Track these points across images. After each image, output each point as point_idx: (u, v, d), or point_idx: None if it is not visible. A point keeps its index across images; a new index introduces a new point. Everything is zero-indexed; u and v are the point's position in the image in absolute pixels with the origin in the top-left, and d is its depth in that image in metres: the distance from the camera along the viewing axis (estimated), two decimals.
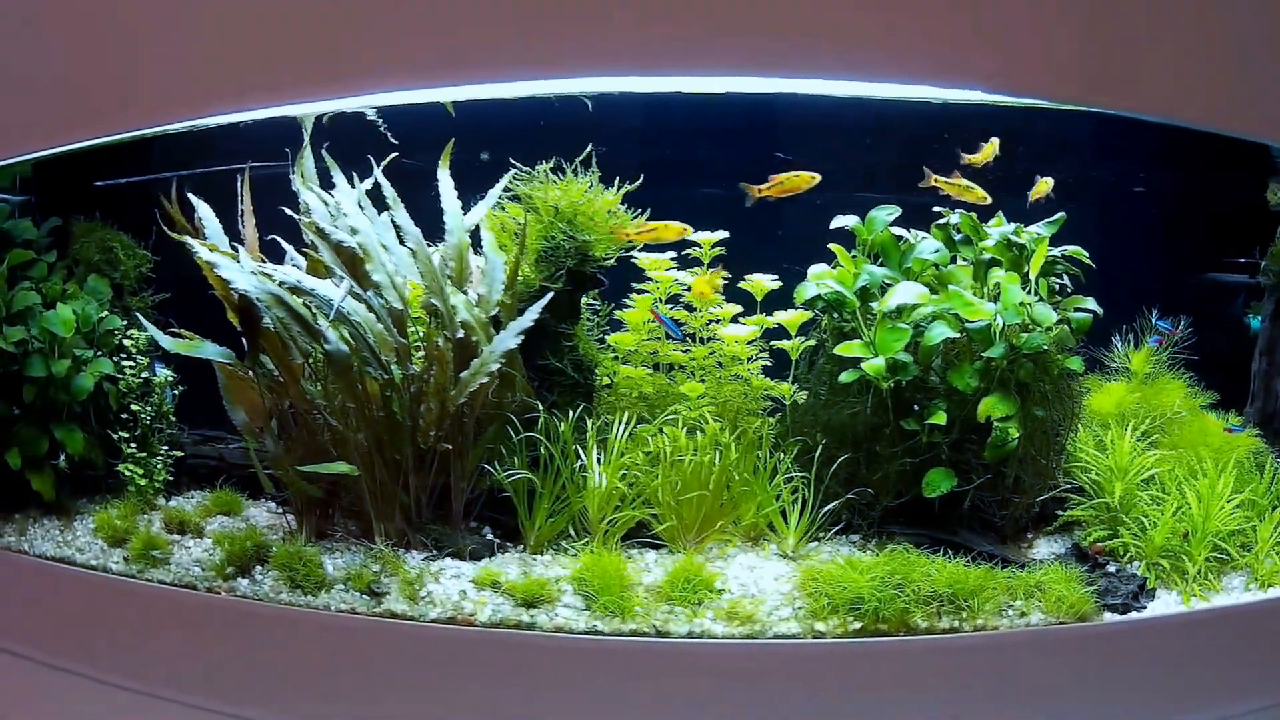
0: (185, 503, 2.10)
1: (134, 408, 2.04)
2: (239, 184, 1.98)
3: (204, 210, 1.86)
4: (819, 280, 1.75)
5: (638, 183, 1.76)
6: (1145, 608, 1.74)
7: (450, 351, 1.68)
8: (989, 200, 1.89)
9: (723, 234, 1.85)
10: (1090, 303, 1.82)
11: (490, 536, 1.83)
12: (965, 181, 1.83)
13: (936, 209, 1.85)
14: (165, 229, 1.86)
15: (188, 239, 1.81)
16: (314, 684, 1.70)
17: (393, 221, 1.74)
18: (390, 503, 1.77)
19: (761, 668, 1.58)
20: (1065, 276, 1.87)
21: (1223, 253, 2.30)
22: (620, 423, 1.73)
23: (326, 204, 1.79)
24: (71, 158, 2.23)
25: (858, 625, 1.61)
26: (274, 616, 1.72)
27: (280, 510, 2.03)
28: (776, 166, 1.89)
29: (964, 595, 1.66)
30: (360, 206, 1.80)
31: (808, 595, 1.64)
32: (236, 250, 1.84)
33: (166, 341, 1.81)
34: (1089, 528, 1.84)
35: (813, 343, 1.83)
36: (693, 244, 1.84)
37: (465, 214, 1.82)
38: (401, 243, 1.75)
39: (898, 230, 1.84)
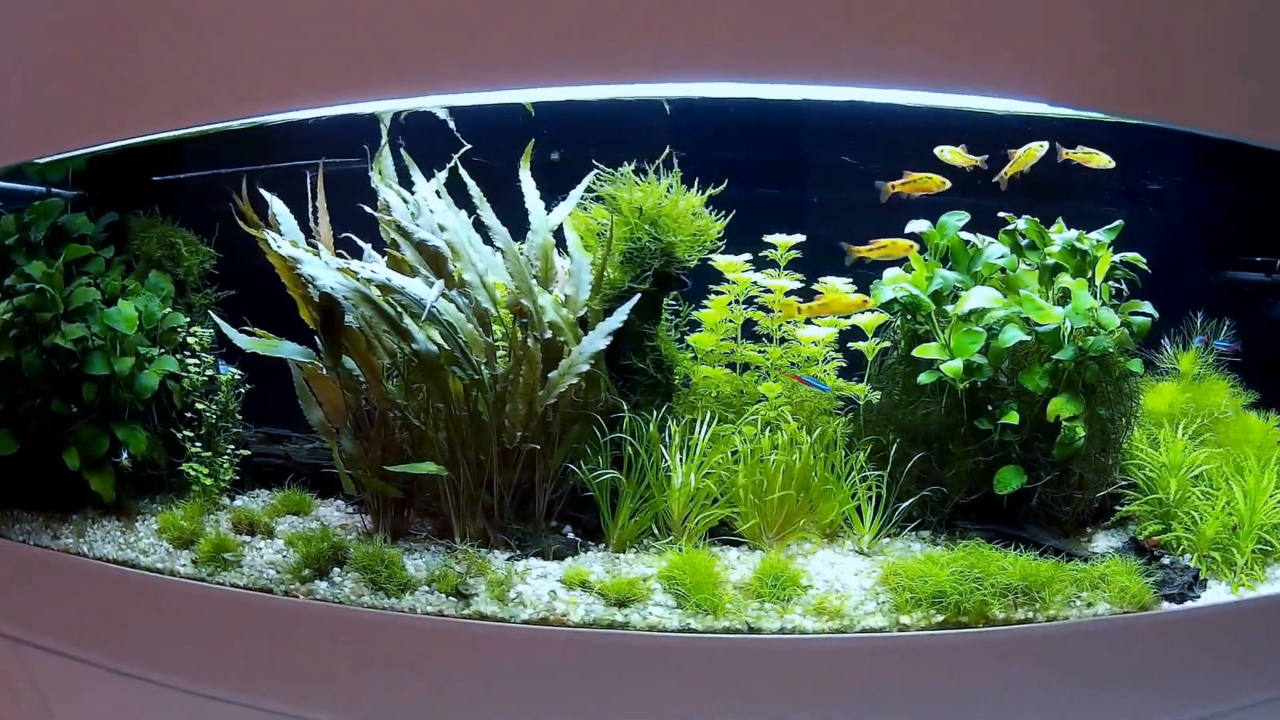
0: (250, 503, 2.08)
1: (199, 406, 2.01)
2: (307, 181, 1.96)
3: (278, 206, 1.84)
4: (894, 284, 1.80)
5: (721, 186, 1.79)
6: (1199, 597, 1.84)
7: (539, 352, 1.69)
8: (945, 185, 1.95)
9: (799, 237, 1.89)
10: (1147, 306, 1.89)
11: (571, 536, 1.85)
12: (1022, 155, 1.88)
13: (1001, 214, 1.92)
14: (242, 224, 1.83)
15: (269, 234, 1.78)
16: (399, 688, 1.69)
17: (478, 221, 1.74)
18: (473, 502, 1.77)
19: (852, 661, 1.62)
20: (1121, 281, 1.95)
21: (1243, 251, 2.40)
22: (703, 422, 1.76)
23: (406, 202, 1.79)
24: (128, 152, 2.20)
25: (940, 618, 1.67)
26: (356, 620, 1.71)
27: (351, 510, 2.02)
28: (845, 170, 1.94)
29: (1036, 587, 1.73)
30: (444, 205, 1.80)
31: (891, 590, 1.69)
32: (316, 247, 1.82)
33: (243, 340, 1.79)
34: (1143, 522, 1.92)
35: (888, 344, 1.87)
36: (769, 246, 1.89)
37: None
38: (487, 242, 1.75)
39: (964, 234, 1.91)
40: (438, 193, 1.78)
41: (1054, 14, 1.60)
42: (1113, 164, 1.93)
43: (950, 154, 1.85)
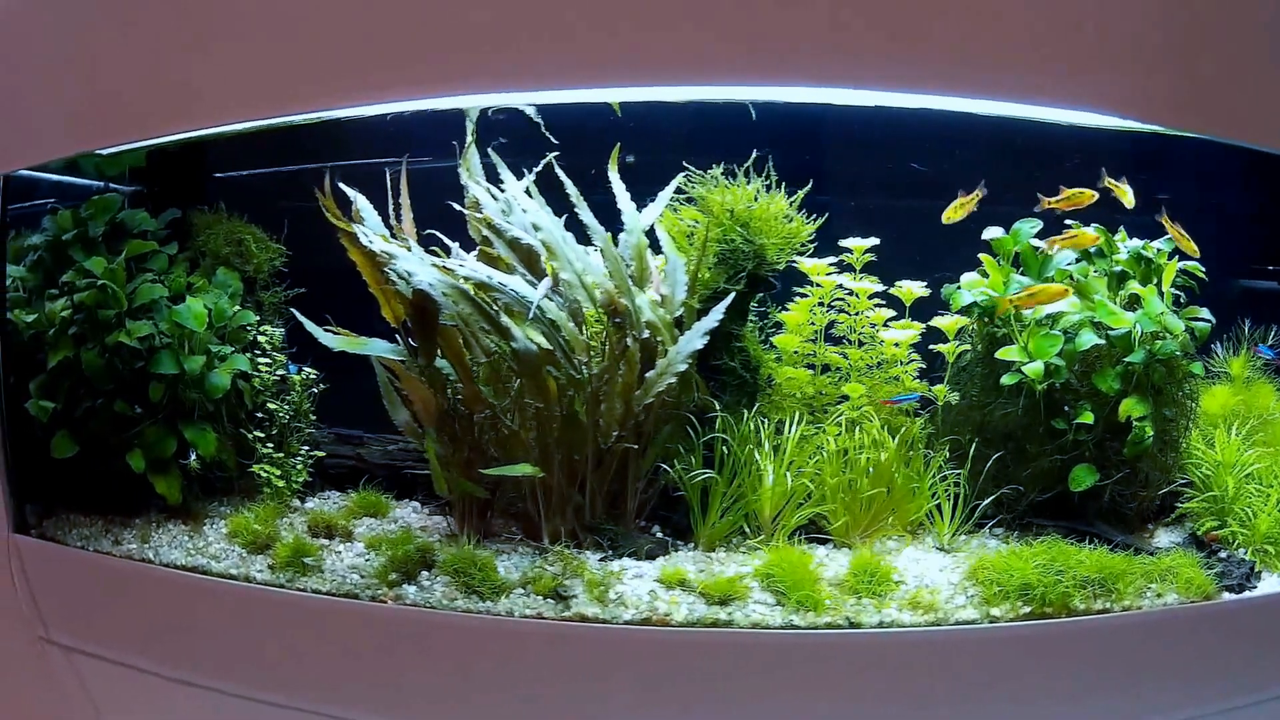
0: (321, 505, 2.05)
1: (270, 406, 1.97)
2: (386, 177, 1.94)
3: (362, 202, 1.82)
4: (973, 288, 1.87)
5: (807, 188, 1.83)
6: (1255, 588, 1.93)
7: (638, 351, 1.70)
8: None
9: (874, 240, 1.94)
10: (1205, 312, 1.98)
11: (659, 535, 1.85)
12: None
13: (1067, 222, 2.00)
14: (330, 218, 1.79)
15: (358, 229, 1.76)
16: (498, 693, 1.67)
17: (573, 219, 1.74)
18: (563, 503, 1.77)
19: (948, 652, 1.66)
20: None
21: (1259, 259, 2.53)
22: (792, 422, 1.79)
23: (496, 199, 1.78)
24: (188, 148, 2.15)
25: (1027, 610, 1.72)
26: (449, 625, 1.68)
27: (427, 511, 1.99)
28: (915, 176, 2.00)
29: (1111, 580, 1.80)
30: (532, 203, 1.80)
31: (979, 583, 1.74)
32: (408, 244, 1.80)
33: (330, 339, 1.76)
34: (1201, 518, 2.01)
35: (968, 347, 1.93)
36: (846, 250, 1.94)
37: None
38: (582, 241, 1.76)
39: (1035, 241, 1.98)
40: (527, 191, 1.79)
41: (1124, 29, 1.68)
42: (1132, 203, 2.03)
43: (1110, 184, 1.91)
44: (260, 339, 2.01)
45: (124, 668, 2.02)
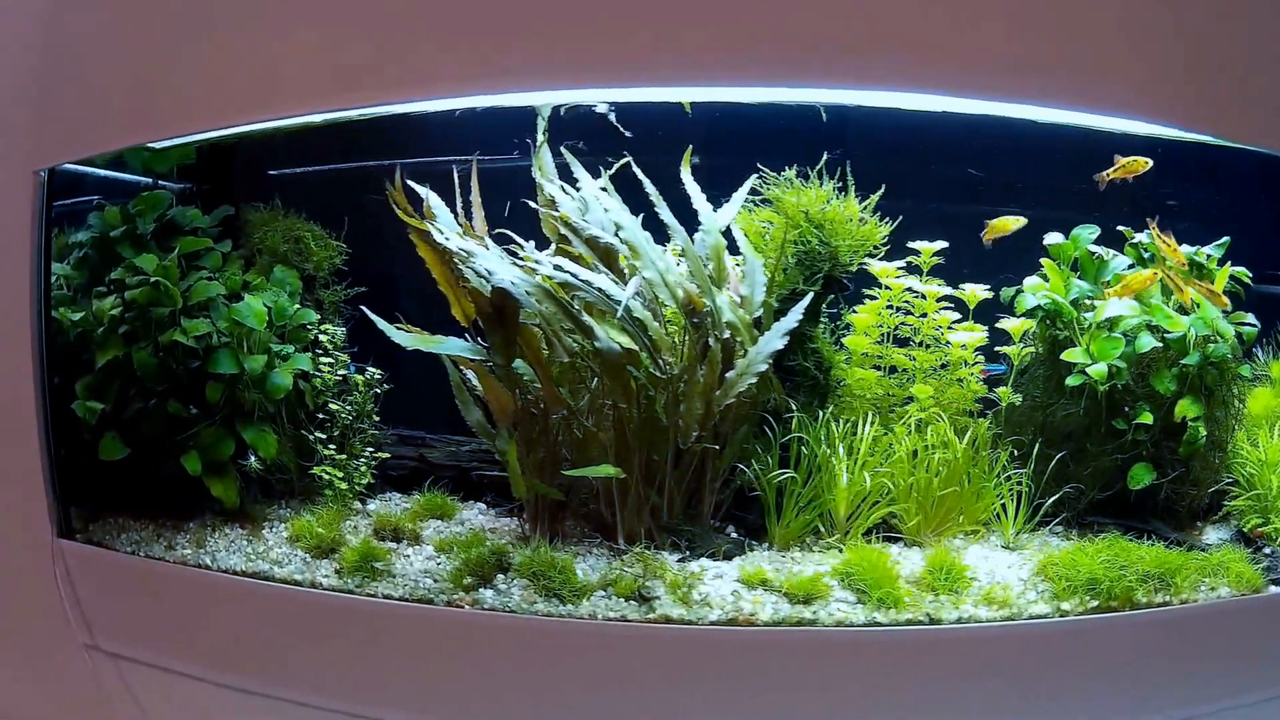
0: (383, 507, 2.02)
1: (332, 406, 1.93)
2: (455, 175, 1.91)
3: (434, 200, 1.79)
4: (1036, 291, 1.91)
5: (879, 192, 1.86)
6: None
7: (720, 351, 1.71)
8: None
9: (942, 244, 1.97)
10: (1250, 317, 2.05)
11: (734, 535, 1.86)
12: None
13: (1120, 228, 2.06)
14: (403, 215, 1.77)
15: (437, 227, 1.74)
16: (581, 697, 1.65)
17: (653, 219, 1.74)
18: (641, 503, 1.76)
19: (1023, 646, 1.70)
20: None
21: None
22: (865, 423, 1.81)
23: (571, 198, 1.77)
24: (240, 145, 2.11)
25: (1094, 603, 1.76)
26: (530, 629, 1.66)
27: (494, 513, 1.97)
28: (973, 181, 2.04)
29: (1169, 574, 1.86)
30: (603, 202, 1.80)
31: (1049, 579, 1.78)
32: (484, 242, 1.78)
33: (404, 337, 1.73)
34: (1245, 516, 2.08)
35: (1034, 349, 1.97)
36: (914, 251, 1.97)
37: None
38: (661, 241, 1.75)
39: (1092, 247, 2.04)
40: (603, 189, 1.78)
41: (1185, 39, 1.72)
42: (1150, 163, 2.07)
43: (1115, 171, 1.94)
44: (321, 338, 1.98)
45: (175, 675, 1.96)
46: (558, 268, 1.59)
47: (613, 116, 1.85)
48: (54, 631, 2.03)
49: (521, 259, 1.66)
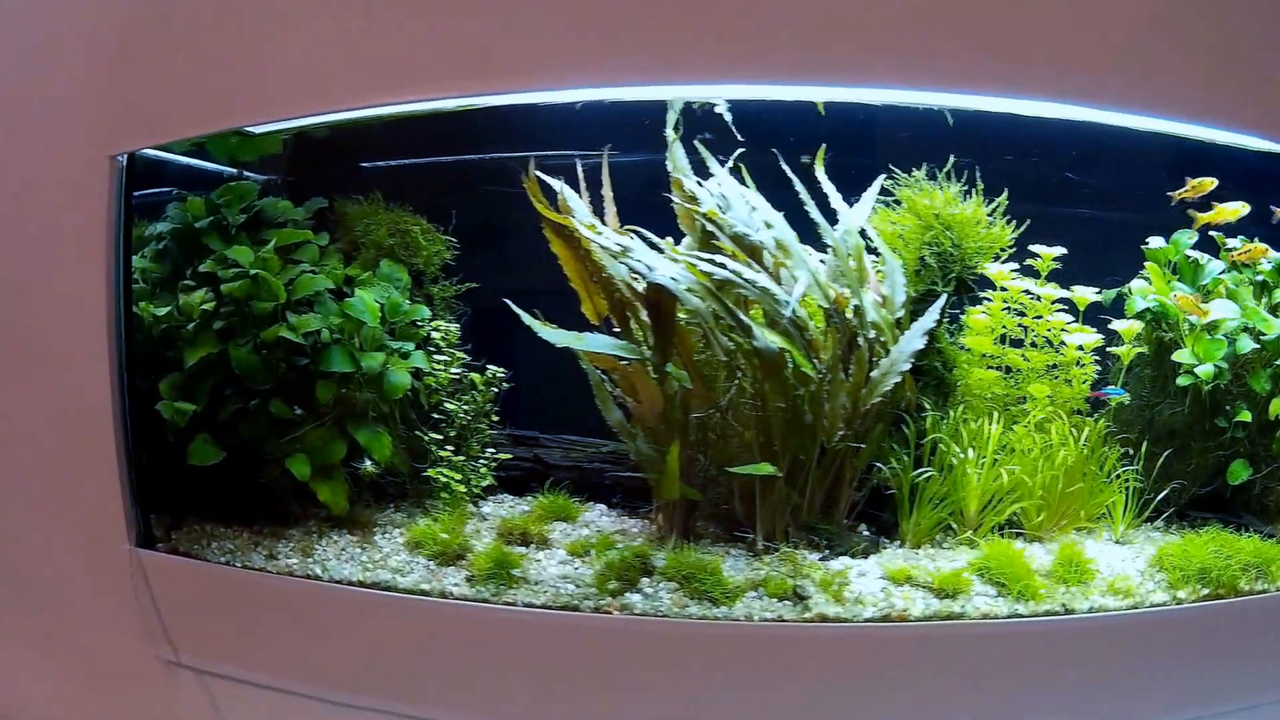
0: (497, 509, 1.94)
1: (449, 406, 1.84)
2: (577, 169, 1.86)
3: (570, 194, 1.73)
4: (1145, 294, 1.99)
5: (1002, 194, 1.89)
6: None
7: (867, 351, 1.71)
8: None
9: (1060, 249, 2.00)
10: None
11: (867, 533, 1.87)
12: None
13: (1212, 233, 2.12)
14: (544, 209, 1.71)
15: (589, 223, 1.69)
16: (739, 700, 1.62)
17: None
18: (783, 503, 1.75)
19: (1146, 633, 1.75)
20: None
21: None
22: (990, 421, 1.84)
23: (710, 195, 1.74)
24: (333, 135, 1.99)
25: (1205, 591, 1.85)
26: (685, 634, 1.61)
27: (616, 514, 1.92)
28: (1078, 185, 2.10)
29: (1265, 564, 1.96)
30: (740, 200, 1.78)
31: (1164, 569, 1.86)
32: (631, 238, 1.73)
33: (552, 335, 1.66)
34: None
35: (1144, 349, 2.03)
36: (1033, 255, 2.01)
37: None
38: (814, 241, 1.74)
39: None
40: (743, 186, 1.76)
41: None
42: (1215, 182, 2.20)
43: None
44: (434, 335, 1.89)
45: (274, 691, 1.84)
46: (720, 265, 1.57)
47: (728, 115, 1.83)
48: (130, 646, 1.89)
49: (677, 256, 1.62)
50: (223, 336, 1.82)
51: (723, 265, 1.58)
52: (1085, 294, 2.05)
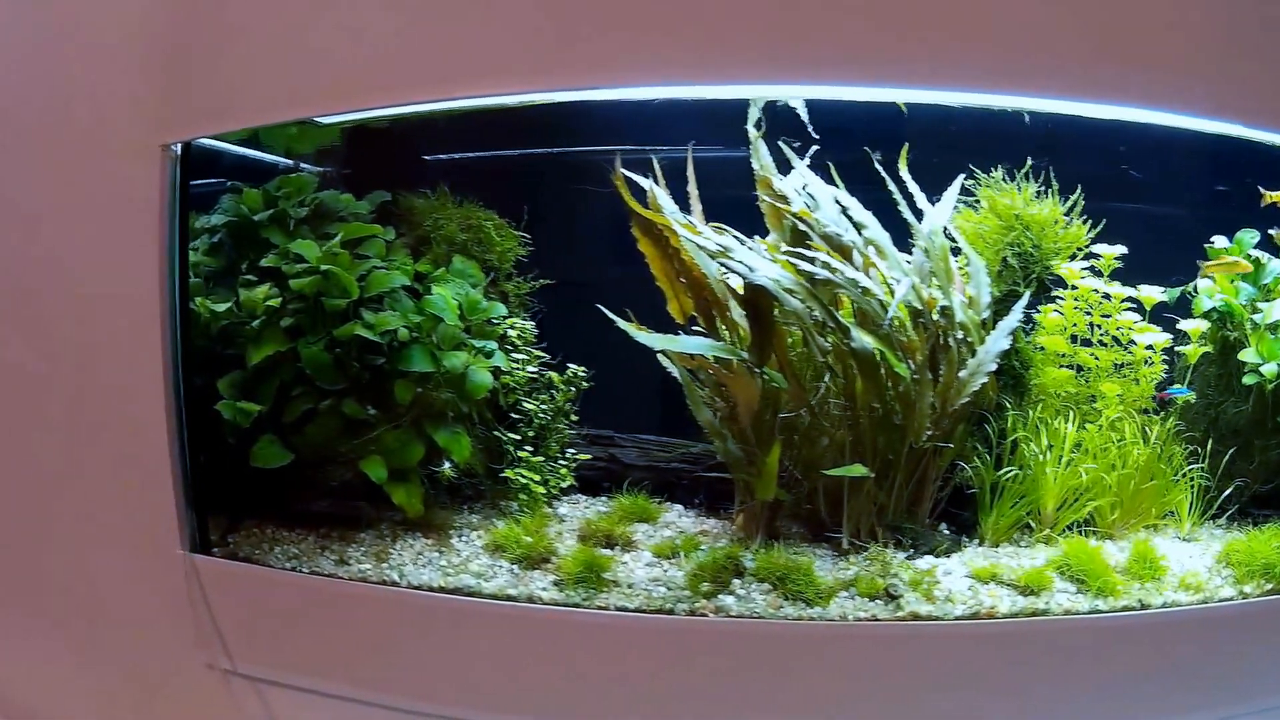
0: (574, 510, 1.90)
1: (527, 406, 1.80)
2: (654, 167, 1.81)
3: (660, 193, 1.69)
4: (1211, 294, 2.01)
5: (1077, 193, 1.89)
6: None
7: (957, 352, 1.71)
8: None
9: (1121, 249, 2.00)
10: None
11: (947, 532, 1.87)
12: None
13: (1270, 231, 2.14)
14: (635, 206, 1.67)
15: (685, 221, 1.64)
16: (835, 700, 1.61)
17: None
18: (870, 502, 1.75)
19: (1216, 626, 1.77)
20: None
21: None
22: (1067, 420, 1.86)
23: (798, 194, 1.72)
24: (395, 127, 1.91)
25: (1269, 585, 1.90)
26: (783, 634, 1.60)
27: (694, 514, 1.89)
28: (1141, 185, 2.12)
29: None
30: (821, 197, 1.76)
31: (1231, 565, 1.90)
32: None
33: (647, 338, 1.61)
34: None
35: (1210, 349, 2.05)
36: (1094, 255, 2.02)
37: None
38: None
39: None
40: (832, 184, 1.74)
41: None
42: None
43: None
44: (510, 333, 1.84)
45: (334, 699, 1.79)
46: (824, 265, 1.55)
47: (803, 111, 1.81)
48: (179, 654, 1.82)
49: (776, 257, 1.60)
50: (290, 334, 1.75)
51: (826, 265, 1.57)
52: (1152, 293, 2.08)
